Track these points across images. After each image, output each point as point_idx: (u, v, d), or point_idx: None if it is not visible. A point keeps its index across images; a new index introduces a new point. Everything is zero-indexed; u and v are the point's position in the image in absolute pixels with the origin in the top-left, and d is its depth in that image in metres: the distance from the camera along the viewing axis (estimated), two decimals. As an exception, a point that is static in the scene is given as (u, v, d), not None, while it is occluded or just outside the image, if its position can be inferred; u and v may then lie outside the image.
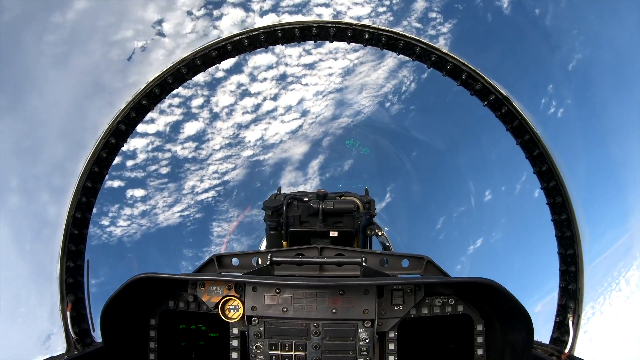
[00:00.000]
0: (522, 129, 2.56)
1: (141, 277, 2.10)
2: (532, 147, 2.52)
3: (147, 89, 2.61)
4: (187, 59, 2.62)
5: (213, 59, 2.64)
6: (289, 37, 2.64)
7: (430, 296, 2.27)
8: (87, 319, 2.54)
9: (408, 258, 2.65)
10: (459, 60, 2.59)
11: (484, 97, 2.60)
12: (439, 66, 2.62)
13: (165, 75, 2.62)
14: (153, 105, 2.68)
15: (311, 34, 2.62)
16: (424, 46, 2.60)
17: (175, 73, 2.62)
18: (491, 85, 2.58)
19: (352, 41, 2.65)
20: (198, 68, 2.64)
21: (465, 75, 2.60)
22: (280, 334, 2.15)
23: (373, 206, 3.17)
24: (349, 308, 2.14)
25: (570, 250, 2.42)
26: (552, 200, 2.52)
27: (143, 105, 2.63)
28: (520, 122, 2.55)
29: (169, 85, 2.65)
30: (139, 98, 2.61)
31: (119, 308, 2.16)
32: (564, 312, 2.44)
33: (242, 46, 2.62)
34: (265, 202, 3.02)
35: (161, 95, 2.66)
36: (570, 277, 2.42)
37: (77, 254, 2.52)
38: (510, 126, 2.59)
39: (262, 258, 2.69)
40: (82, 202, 2.52)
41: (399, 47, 2.61)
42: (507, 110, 2.56)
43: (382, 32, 2.58)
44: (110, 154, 2.61)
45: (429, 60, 2.62)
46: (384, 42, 2.62)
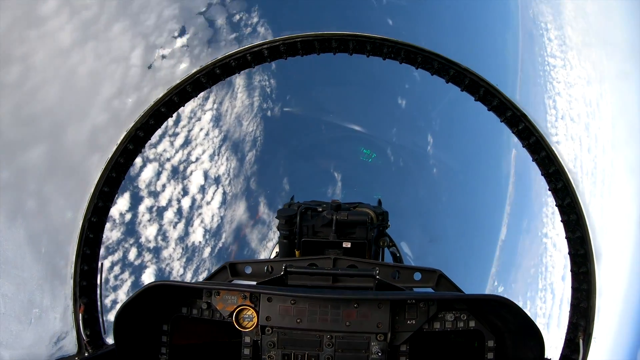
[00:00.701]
0: (539, 146, 2.56)
1: (157, 285, 2.14)
2: (549, 164, 2.52)
3: (166, 96, 2.66)
4: (207, 68, 2.66)
5: (233, 68, 2.68)
6: (309, 49, 2.66)
7: (442, 311, 2.28)
8: (99, 321, 2.58)
9: (420, 271, 2.65)
10: (477, 76, 2.60)
11: (501, 113, 2.61)
12: (457, 81, 2.63)
13: (185, 83, 2.66)
14: (172, 113, 2.74)
15: (330, 46, 2.65)
16: (443, 61, 2.61)
17: (195, 82, 2.67)
18: (508, 101, 2.58)
19: (371, 54, 2.67)
20: (218, 77, 2.69)
21: (482, 91, 2.61)
22: (294, 344, 2.17)
23: (386, 218, 3.15)
24: (362, 321, 2.15)
25: (583, 268, 2.40)
26: (566, 217, 2.50)
27: (161, 112, 2.69)
28: (537, 139, 2.55)
29: (188, 94, 2.70)
30: (157, 106, 2.66)
31: (133, 313, 2.19)
32: (574, 330, 2.41)
33: (262, 57, 2.66)
34: (279, 210, 3.04)
35: (180, 103, 2.72)
36: (582, 295, 2.40)
37: (92, 257, 2.57)
38: (527, 142, 2.59)
39: (276, 267, 2.71)
40: (98, 205, 2.58)
41: (418, 61, 2.63)
42: (524, 126, 2.57)
43: (401, 46, 2.60)
44: (127, 159, 2.66)
45: (447, 74, 2.64)
46: (403, 56, 2.63)
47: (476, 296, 2.10)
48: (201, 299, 2.28)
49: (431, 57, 2.57)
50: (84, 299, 2.52)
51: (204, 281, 2.46)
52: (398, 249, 3.54)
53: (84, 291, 2.53)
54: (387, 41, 2.58)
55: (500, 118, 2.61)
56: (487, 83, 2.59)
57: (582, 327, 2.38)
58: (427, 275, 2.64)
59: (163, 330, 2.32)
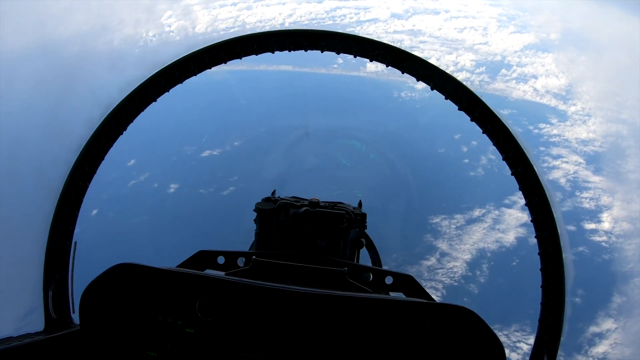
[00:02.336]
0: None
1: (122, 265, 2.16)
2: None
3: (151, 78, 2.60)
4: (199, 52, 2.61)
5: (223, 57, 2.64)
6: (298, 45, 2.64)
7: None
8: (68, 300, 2.55)
9: (392, 275, 2.67)
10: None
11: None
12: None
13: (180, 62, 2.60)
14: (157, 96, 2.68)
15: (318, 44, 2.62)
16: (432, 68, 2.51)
17: (182, 64, 2.62)
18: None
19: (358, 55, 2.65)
20: (206, 65, 2.64)
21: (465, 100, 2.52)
22: (256, 336, 2.18)
23: (365, 220, 3.15)
24: (327, 319, 2.15)
25: (552, 284, 2.39)
26: (539, 233, 2.46)
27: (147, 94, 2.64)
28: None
29: (176, 78, 2.65)
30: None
31: (99, 293, 2.19)
32: (540, 345, 2.41)
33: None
34: (258, 204, 3.05)
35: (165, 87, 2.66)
36: (550, 310, 2.39)
37: (66, 233, 2.54)
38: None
39: (247, 259, 2.71)
40: (76, 183, 2.53)
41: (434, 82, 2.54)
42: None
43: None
44: (108, 139, 2.61)
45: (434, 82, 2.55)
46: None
47: (436, 303, 2.13)
48: (168, 285, 2.27)
49: (417, 63, 2.54)
50: (55, 276, 2.49)
51: (173, 267, 2.44)
52: (377, 253, 3.51)
53: (56, 268, 2.50)
54: (375, 44, 2.55)
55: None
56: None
57: (547, 343, 2.37)
58: (399, 280, 2.65)
59: (129, 313, 2.31)
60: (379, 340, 2.18)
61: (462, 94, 2.47)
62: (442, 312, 2.14)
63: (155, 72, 2.58)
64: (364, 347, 2.17)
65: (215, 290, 2.19)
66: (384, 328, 2.17)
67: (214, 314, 2.19)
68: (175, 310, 2.27)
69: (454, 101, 2.52)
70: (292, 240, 2.90)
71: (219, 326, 2.20)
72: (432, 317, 2.15)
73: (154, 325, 2.29)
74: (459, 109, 2.52)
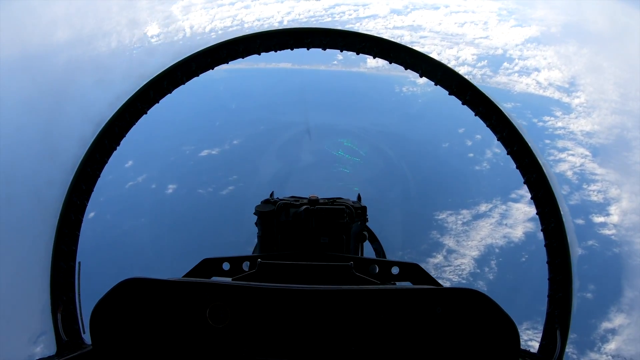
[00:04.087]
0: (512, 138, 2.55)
1: (130, 280, 2.16)
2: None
3: (141, 90, 2.62)
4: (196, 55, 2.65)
5: (209, 64, 2.68)
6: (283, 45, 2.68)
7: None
8: (77, 321, 2.57)
9: (398, 265, 2.71)
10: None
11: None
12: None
13: (162, 76, 2.63)
14: (147, 108, 2.70)
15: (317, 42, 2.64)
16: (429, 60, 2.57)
17: (171, 76, 2.65)
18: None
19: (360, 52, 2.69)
20: (194, 72, 2.69)
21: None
22: (266, 340, 2.18)
23: (365, 212, 3.18)
24: (336, 315, 2.15)
25: (558, 259, 2.45)
26: (540, 209, 2.52)
27: (137, 107, 2.66)
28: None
29: (164, 89, 2.67)
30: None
31: (108, 310, 2.18)
32: (551, 320, 2.47)
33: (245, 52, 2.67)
34: (257, 207, 3.07)
35: (155, 98, 2.68)
36: (558, 285, 2.45)
37: (69, 254, 2.56)
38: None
39: (252, 263, 2.77)
40: (74, 202, 2.56)
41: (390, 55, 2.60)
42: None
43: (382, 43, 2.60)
44: (103, 156, 2.63)
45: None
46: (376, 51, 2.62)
47: (447, 288, 2.14)
48: (176, 296, 2.27)
49: (404, 51, 2.58)
50: (63, 298, 2.52)
51: (180, 278, 2.47)
52: (380, 245, 3.56)
53: (63, 289, 2.53)
54: (360, 37, 2.60)
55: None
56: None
57: (559, 318, 2.43)
58: (406, 269, 2.70)
59: (140, 327, 2.29)
60: (392, 330, 2.18)
61: (451, 78, 2.53)
62: (452, 297, 2.15)
63: (143, 85, 2.60)
64: (379, 339, 2.16)
65: (224, 297, 2.21)
66: (396, 318, 2.17)
67: (225, 320, 2.19)
68: (185, 319, 2.26)
69: (443, 86, 2.57)
70: (295, 240, 2.94)
71: (231, 332, 2.20)
72: (443, 302, 2.16)
73: (166, 336, 2.27)
74: (450, 94, 2.58)
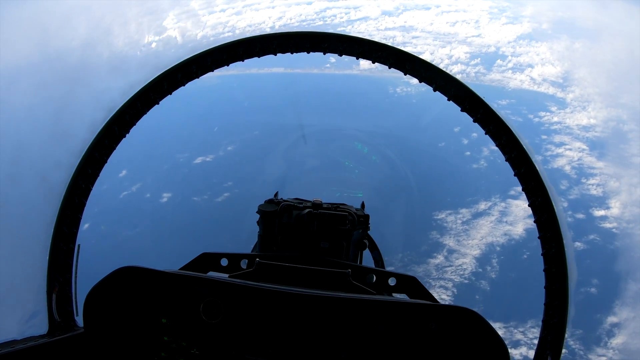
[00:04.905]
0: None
1: (127, 268, 2.18)
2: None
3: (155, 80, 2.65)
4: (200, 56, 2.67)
5: (225, 60, 2.72)
6: (299, 47, 2.72)
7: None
8: (72, 302, 2.59)
9: (396, 277, 2.74)
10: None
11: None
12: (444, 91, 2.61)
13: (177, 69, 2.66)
14: (159, 99, 2.73)
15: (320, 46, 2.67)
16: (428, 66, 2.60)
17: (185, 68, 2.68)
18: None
19: (360, 57, 2.73)
20: (209, 67, 2.71)
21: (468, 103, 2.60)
22: (260, 340, 2.19)
23: (367, 221, 3.19)
24: (330, 321, 2.16)
25: (556, 284, 2.46)
26: (542, 234, 2.53)
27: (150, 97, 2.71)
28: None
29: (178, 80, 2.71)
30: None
31: (103, 296, 2.21)
32: (543, 346, 2.47)
33: (254, 51, 2.72)
34: (260, 206, 3.08)
35: (168, 89, 2.71)
36: (554, 311, 2.45)
37: (70, 236, 2.59)
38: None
39: (250, 261, 2.77)
40: (79, 184, 2.60)
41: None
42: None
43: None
44: (111, 142, 2.66)
45: (435, 83, 2.62)
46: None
47: (440, 305, 2.15)
48: (172, 288, 2.29)
49: (419, 64, 2.60)
50: (59, 279, 2.53)
51: (177, 270, 2.49)
52: (380, 254, 3.58)
53: (60, 270, 2.55)
54: (377, 46, 2.62)
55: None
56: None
57: (551, 344, 2.43)
58: (403, 281, 2.73)
59: (133, 316, 2.31)
60: (383, 341, 2.17)
61: (464, 95, 2.54)
62: (445, 314, 2.15)
63: (157, 75, 2.64)
64: (369, 349, 2.15)
65: (219, 293, 2.20)
66: (388, 330, 2.16)
67: (218, 316, 2.18)
68: (180, 312, 2.25)
69: (456, 102, 2.59)
70: (295, 242, 2.93)
71: (223, 329, 2.19)
72: (436, 318, 2.16)
73: (159, 328, 2.28)
74: (462, 110, 2.59)
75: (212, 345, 2.25)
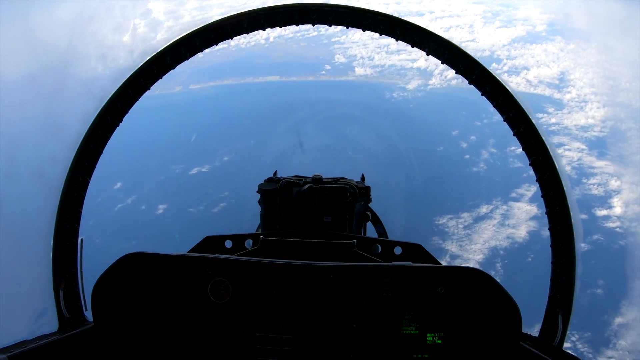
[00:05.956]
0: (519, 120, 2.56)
1: (131, 255, 2.21)
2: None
3: (145, 65, 2.65)
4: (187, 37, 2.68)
5: (213, 39, 2.70)
6: (288, 20, 2.69)
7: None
8: (80, 297, 2.60)
9: (401, 245, 2.77)
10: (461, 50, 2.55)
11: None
12: (437, 54, 2.57)
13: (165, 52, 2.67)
14: (150, 84, 2.74)
15: (309, 17, 2.66)
16: (421, 31, 2.53)
17: (174, 51, 2.69)
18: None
19: (350, 25, 2.72)
20: (197, 48, 2.71)
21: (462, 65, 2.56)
22: (268, 316, 2.24)
23: (369, 193, 3.26)
24: (337, 292, 2.22)
25: (562, 242, 2.46)
26: (546, 192, 2.55)
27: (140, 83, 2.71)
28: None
29: (167, 64, 2.71)
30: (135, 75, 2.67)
31: (110, 286, 2.25)
32: (553, 304, 2.48)
33: (242, 27, 2.68)
34: (260, 185, 3.14)
35: (159, 74, 2.72)
36: (561, 269, 2.46)
37: (71, 231, 2.60)
38: (508, 116, 2.56)
39: (254, 240, 2.79)
40: (76, 179, 2.59)
41: (397, 33, 2.56)
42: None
43: (382, 17, 2.59)
44: (105, 132, 2.65)
45: (427, 47, 2.55)
46: (382, 28, 2.61)
47: (449, 267, 2.19)
48: (178, 271, 2.36)
49: (410, 29, 2.56)
50: (65, 275, 2.54)
51: (182, 253, 2.51)
52: (383, 226, 3.63)
53: (65, 266, 2.56)
54: (366, 12, 2.60)
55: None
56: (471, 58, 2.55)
57: (561, 302, 2.44)
58: (408, 250, 2.76)
59: (142, 303, 2.37)
60: (393, 307, 2.21)
61: (458, 57, 2.51)
62: (454, 275, 2.19)
63: (146, 60, 2.63)
64: (379, 316, 2.20)
65: (226, 272, 2.25)
66: (397, 295, 2.21)
67: (226, 296, 2.24)
68: (188, 295, 2.30)
69: (450, 65, 2.54)
70: (298, 218, 2.99)
71: (233, 308, 2.24)
72: (444, 281, 2.20)
73: (168, 313, 2.32)
74: (457, 72, 2.54)
75: (221, 325, 2.31)
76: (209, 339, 2.32)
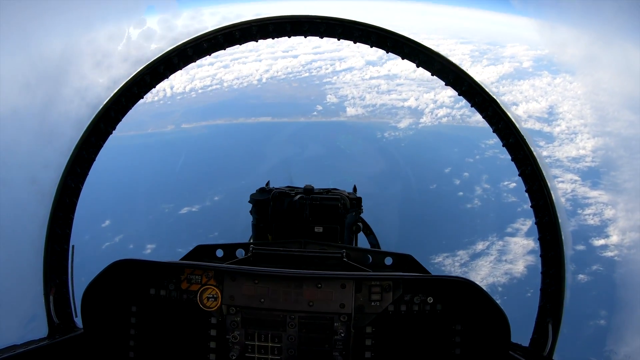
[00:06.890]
0: (508, 131, 2.57)
1: (122, 262, 2.29)
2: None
3: (137, 76, 2.67)
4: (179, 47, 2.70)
5: (206, 49, 2.73)
6: (280, 32, 2.71)
7: (408, 294, 2.37)
8: (70, 304, 2.63)
9: (391, 256, 2.82)
10: (448, 61, 2.61)
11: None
12: (428, 65, 2.62)
13: (158, 62, 2.70)
14: (144, 93, 2.77)
15: (302, 29, 2.68)
16: (413, 45, 2.59)
17: (167, 61, 2.71)
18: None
19: (341, 37, 2.72)
20: (190, 58, 2.74)
21: (453, 77, 2.60)
22: (257, 324, 2.29)
23: (360, 204, 3.30)
24: (325, 301, 2.27)
25: (551, 252, 2.50)
26: (535, 202, 2.59)
27: (134, 92, 2.74)
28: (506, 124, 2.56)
29: (160, 74, 2.74)
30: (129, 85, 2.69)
31: (100, 293, 2.31)
32: (543, 314, 2.51)
33: (234, 39, 2.70)
34: (252, 195, 3.19)
35: (152, 83, 2.75)
36: (551, 279, 2.50)
37: (63, 237, 2.63)
38: (497, 127, 2.58)
39: (245, 250, 2.83)
40: (69, 186, 2.62)
41: (388, 45, 2.63)
42: (493, 112, 2.58)
43: (372, 30, 2.63)
44: (98, 139, 2.69)
45: (417, 59, 2.61)
46: (373, 40, 2.63)
47: (439, 277, 2.26)
48: (168, 279, 2.39)
49: (401, 40, 2.59)
50: (55, 281, 2.57)
51: (174, 261, 2.59)
52: (375, 238, 3.65)
53: (56, 272, 2.59)
54: (357, 24, 2.62)
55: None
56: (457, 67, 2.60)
57: (551, 312, 2.44)
58: (399, 260, 2.80)
59: (132, 311, 2.41)
60: (381, 317, 2.30)
61: (448, 70, 2.56)
62: (443, 286, 2.27)
63: (140, 69, 2.65)
64: (367, 326, 2.31)
65: (215, 280, 2.31)
66: (391, 306, 2.29)
67: (215, 304, 2.30)
68: (178, 303, 2.34)
69: (440, 77, 2.61)
70: (290, 229, 3.04)
71: (222, 315, 2.31)
72: (434, 291, 2.27)
73: (159, 321, 2.37)
74: (446, 84, 2.62)
75: (210, 332, 2.31)
76: (197, 346, 2.33)
